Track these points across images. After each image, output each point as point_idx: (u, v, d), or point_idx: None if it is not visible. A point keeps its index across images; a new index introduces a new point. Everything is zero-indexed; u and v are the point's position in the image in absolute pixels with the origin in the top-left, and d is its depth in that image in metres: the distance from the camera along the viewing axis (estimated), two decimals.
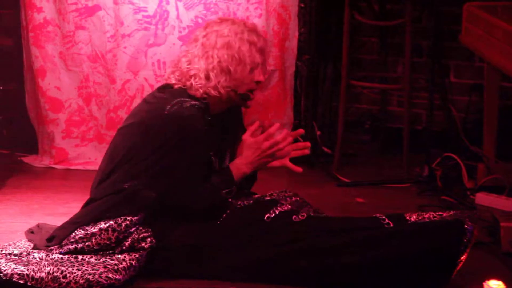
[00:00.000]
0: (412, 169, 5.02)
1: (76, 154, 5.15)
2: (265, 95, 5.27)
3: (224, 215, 3.69)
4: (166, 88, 3.77)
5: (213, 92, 3.67)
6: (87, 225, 3.66)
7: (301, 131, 3.88)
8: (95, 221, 3.66)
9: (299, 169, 3.80)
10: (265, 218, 3.67)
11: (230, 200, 3.76)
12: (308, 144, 3.88)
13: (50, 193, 4.71)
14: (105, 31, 5.07)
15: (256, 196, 3.87)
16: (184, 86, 3.71)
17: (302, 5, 5.32)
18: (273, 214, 3.68)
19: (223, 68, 3.68)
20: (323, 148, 5.37)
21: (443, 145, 5.12)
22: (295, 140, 3.81)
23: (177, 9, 5.04)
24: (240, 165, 3.75)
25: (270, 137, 3.73)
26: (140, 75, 5.09)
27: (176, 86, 3.73)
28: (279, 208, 3.70)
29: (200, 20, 5.02)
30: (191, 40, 3.82)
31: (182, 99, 3.66)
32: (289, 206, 3.73)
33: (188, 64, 3.72)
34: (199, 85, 3.69)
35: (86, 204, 3.77)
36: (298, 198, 3.92)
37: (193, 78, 3.70)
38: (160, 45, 5.07)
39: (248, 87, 3.75)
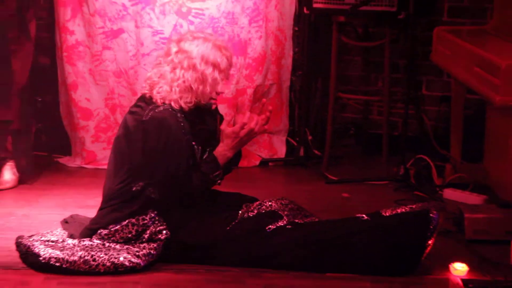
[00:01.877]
0: (389, 169, 5.03)
1: (103, 156, 5.14)
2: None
3: (233, 223, 3.73)
4: (142, 98, 3.80)
5: (173, 105, 3.70)
6: (108, 226, 3.72)
7: (269, 107, 3.90)
8: (114, 222, 3.72)
9: (265, 128, 3.84)
10: (266, 228, 3.71)
11: (239, 212, 3.83)
12: (270, 107, 3.91)
13: (81, 189, 4.73)
14: (128, 51, 5.09)
15: (258, 203, 3.89)
16: (152, 95, 3.73)
17: (296, 29, 5.35)
18: (274, 226, 3.71)
19: (186, 87, 3.70)
20: (314, 151, 5.36)
21: (416, 148, 5.12)
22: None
23: None
24: (223, 152, 3.79)
25: (245, 125, 3.77)
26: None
27: (147, 95, 3.75)
28: (279, 223, 3.73)
29: None
30: (164, 51, 3.83)
31: (155, 105, 3.69)
32: (286, 220, 3.76)
33: (158, 77, 3.74)
34: (161, 97, 3.70)
35: (102, 208, 3.80)
36: (293, 206, 3.92)
37: (158, 89, 3.71)
38: None
39: (210, 97, 3.77)
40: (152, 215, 3.70)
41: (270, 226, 3.71)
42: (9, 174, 4.74)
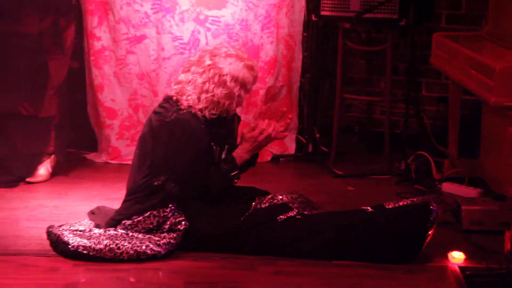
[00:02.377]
0: (391, 164, 5.00)
1: (127, 152, 5.13)
2: (276, 105, 5.25)
3: (247, 214, 3.72)
4: (168, 99, 3.79)
5: (198, 113, 3.69)
6: (131, 217, 3.71)
7: (289, 115, 3.91)
8: (137, 214, 3.71)
9: (285, 134, 3.90)
10: (277, 218, 3.70)
11: (253, 203, 3.79)
12: (290, 115, 3.93)
13: (107, 183, 4.73)
14: (150, 55, 5.08)
15: (270, 196, 3.87)
16: (178, 98, 3.72)
17: (305, 34, 5.34)
18: (285, 217, 3.70)
19: (213, 101, 3.69)
20: (322, 147, 5.34)
21: (416, 145, 5.10)
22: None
23: (206, 38, 5.03)
24: (241, 154, 3.80)
25: (264, 131, 3.78)
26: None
27: (174, 98, 3.74)
28: (289, 214, 3.72)
29: None
30: (196, 59, 3.79)
31: (178, 108, 3.69)
32: (296, 211, 3.74)
33: (188, 84, 3.72)
34: (187, 104, 3.69)
35: (126, 200, 3.80)
36: (303, 199, 3.91)
37: (186, 96, 3.70)
38: None
39: (233, 111, 3.80)
40: (172, 207, 3.70)
41: (281, 217, 3.71)
42: (44, 169, 4.75)
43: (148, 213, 3.70)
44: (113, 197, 4.31)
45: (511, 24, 4.33)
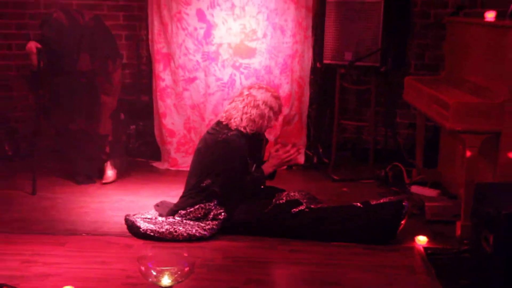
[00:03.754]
0: (374, 172, 4.95)
1: (182, 161, 5.16)
2: (290, 128, 5.27)
3: (270, 207, 3.72)
4: (219, 123, 3.82)
5: (243, 130, 3.72)
6: (185, 208, 3.73)
7: (300, 147, 4.04)
8: (190, 206, 3.72)
9: (300, 161, 3.93)
10: (291, 211, 3.70)
11: (273, 199, 3.79)
12: (301, 147, 4.00)
13: (168, 184, 4.74)
14: (199, 91, 5.10)
15: (286, 192, 3.87)
16: (227, 122, 3.76)
17: (312, 77, 5.33)
18: (297, 210, 3.70)
19: (251, 119, 3.74)
20: (324, 159, 5.32)
21: (392, 158, 5.06)
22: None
23: (240, 79, 5.06)
24: (268, 167, 3.84)
25: (287, 152, 3.81)
26: (218, 116, 5.08)
27: (224, 122, 3.78)
28: (300, 207, 3.71)
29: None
30: (239, 92, 3.87)
31: (227, 130, 3.72)
32: (305, 205, 3.73)
33: (232, 110, 3.77)
34: (235, 124, 3.74)
35: (183, 196, 3.83)
36: (310, 196, 3.90)
37: (233, 119, 3.75)
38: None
39: (265, 129, 3.83)
40: (215, 202, 3.72)
41: (294, 210, 3.71)
42: (110, 170, 4.77)
43: (197, 206, 3.72)
44: (172, 194, 4.33)
45: (460, 72, 4.33)
